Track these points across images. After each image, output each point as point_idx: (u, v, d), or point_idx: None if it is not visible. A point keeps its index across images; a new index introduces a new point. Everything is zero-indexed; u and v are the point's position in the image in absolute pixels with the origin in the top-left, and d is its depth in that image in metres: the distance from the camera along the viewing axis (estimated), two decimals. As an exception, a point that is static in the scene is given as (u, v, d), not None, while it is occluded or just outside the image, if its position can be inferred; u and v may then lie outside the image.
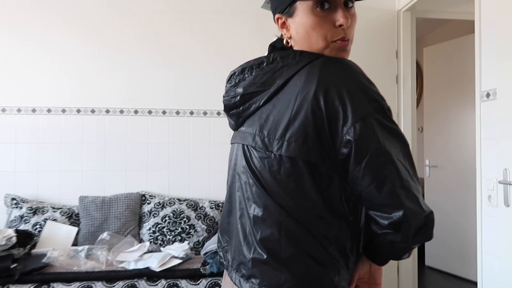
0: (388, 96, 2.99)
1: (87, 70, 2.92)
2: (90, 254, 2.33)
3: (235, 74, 0.94)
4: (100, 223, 2.66)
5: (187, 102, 3.00)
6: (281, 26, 0.95)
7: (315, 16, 0.85)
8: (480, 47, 2.12)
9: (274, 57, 0.89)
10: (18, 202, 2.70)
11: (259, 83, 0.88)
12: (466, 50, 3.50)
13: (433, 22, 4.30)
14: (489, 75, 2.05)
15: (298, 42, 0.91)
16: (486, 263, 2.05)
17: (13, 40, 2.85)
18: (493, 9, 2.00)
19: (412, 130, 3.01)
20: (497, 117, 1.86)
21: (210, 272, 2.15)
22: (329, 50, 0.88)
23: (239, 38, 3.03)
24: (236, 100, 0.93)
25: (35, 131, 2.86)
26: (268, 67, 0.88)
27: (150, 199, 2.84)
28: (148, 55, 2.97)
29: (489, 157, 2.04)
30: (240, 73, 0.93)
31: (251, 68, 0.91)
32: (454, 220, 3.64)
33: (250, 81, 0.90)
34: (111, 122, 2.94)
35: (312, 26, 0.86)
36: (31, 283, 2.05)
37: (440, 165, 3.81)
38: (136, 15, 2.97)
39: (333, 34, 0.87)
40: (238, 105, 0.93)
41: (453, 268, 3.67)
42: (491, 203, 2.00)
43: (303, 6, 0.86)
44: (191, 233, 2.68)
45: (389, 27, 3.01)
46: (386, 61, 3.00)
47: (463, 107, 3.61)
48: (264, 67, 0.89)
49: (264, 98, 0.87)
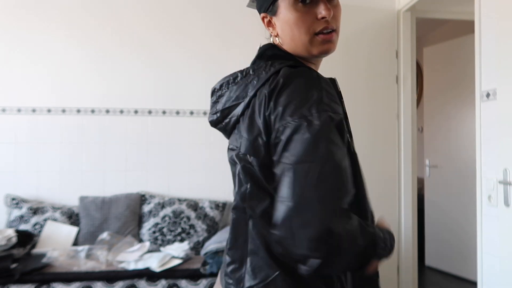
0: (388, 96, 3.00)
1: (87, 70, 2.92)
2: (90, 254, 2.33)
3: (215, 91, 0.95)
4: (100, 223, 2.66)
5: (187, 102, 3.00)
6: (267, 25, 0.96)
7: (297, 11, 0.87)
8: (480, 47, 2.12)
9: (247, 70, 0.90)
10: (18, 202, 2.70)
11: (234, 97, 0.89)
12: (466, 50, 3.49)
13: (433, 22, 4.30)
14: (489, 75, 2.05)
15: (284, 39, 0.92)
16: (486, 263, 2.05)
17: (13, 41, 2.85)
18: (493, 9, 2.00)
19: (412, 130, 3.01)
20: (497, 117, 1.86)
21: (210, 272, 2.16)
22: (314, 44, 0.89)
23: (239, 38, 3.03)
24: (218, 116, 0.94)
25: (35, 131, 2.86)
26: (241, 80, 0.89)
27: (150, 199, 2.84)
28: (149, 55, 2.97)
29: (489, 157, 2.04)
30: (219, 89, 0.94)
31: (227, 83, 0.92)
32: (454, 220, 3.64)
33: (227, 96, 0.91)
34: (111, 122, 2.94)
35: (295, 21, 0.87)
36: (31, 283, 2.06)
37: (440, 165, 3.81)
38: (136, 15, 2.97)
39: (316, 26, 0.88)
40: (221, 120, 0.94)
41: (453, 268, 3.67)
42: (491, 203, 2.00)
43: (285, 3, 0.88)
44: (191, 233, 2.68)
45: (389, 27, 3.01)
46: (386, 61, 3.00)
47: (463, 107, 3.61)
48: (239, 81, 0.89)
49: (240, 111, 0.87)
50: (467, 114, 3.53)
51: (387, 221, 0.93)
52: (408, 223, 2.97)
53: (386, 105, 2.99)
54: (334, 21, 0.90)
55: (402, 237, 2.97)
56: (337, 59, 2.89)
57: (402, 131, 3.00)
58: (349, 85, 3.03)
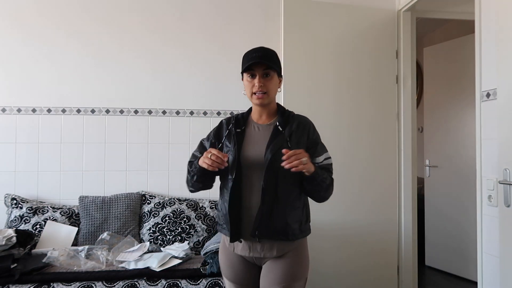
0: (388, 96, 3.00)
1: (88, 70, 2.92)
2: (90, 254, 2.33)
3: None
4: (100, 223, 2.66)
5: (187, 102, 3.00)
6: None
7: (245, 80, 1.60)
8: (480, 47, 2.12)
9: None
10: (18, 202, 2.70)
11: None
12: (466, 50, 3.50)
13: (433, 22, 4.30)
14: (489, 75, 2.05)
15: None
16: (486, 263, 2.05)
17: (14, 41, 2.85)
18: (493, 9, 2.00)
19: (412, 130, 3.01)
20: (497, 117, 1.86)
21: (210, 272, 2.15)
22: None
23: (238, 38, 3.03)
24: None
25: (35, 131, 2.86)
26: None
27: (150, 199, 2.84)
28: (148, 55, 2.97)
29: (489, 157, 2.04)
30: None
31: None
32: (454, 220, 3.65)
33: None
34: (111, 122, 2.94)
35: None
36: (31, 283, 2.05)
37: (440, 165, 3.81)
38: (137, 15, 2.97)
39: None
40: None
41: (453, 268, 3.67)
42: (491, 203, 2.00)
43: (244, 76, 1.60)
44: (191, 233, 2.68)
45: (389, 27, 3.01)
46: (386, 61, 3.00)
47: (463, 107, 3.61)
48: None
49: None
50: (467, 114, 3.53)
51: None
52: (408, 223, 2.97)
53: (386, 105, 2.99)
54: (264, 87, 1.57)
55: (402, 237, 2.98)
56: (337, 59, 2.91)
57: (402, 131, 3.00)
58: (349, 85, 3.04)
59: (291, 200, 1.52)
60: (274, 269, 1.52)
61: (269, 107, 1.60)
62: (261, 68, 1.53)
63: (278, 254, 1.52)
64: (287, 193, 1.51)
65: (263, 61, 1.51)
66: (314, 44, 2.86)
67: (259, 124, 1.61)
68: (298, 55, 2.81)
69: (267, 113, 1.61)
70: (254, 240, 1.51)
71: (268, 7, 3.05)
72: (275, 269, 1.52)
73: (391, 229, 2.96)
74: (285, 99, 2.75)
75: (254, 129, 1.60)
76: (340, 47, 2.90)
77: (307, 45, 2.84)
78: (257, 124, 1.61)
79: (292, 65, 2.77)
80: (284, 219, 1.49)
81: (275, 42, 2.99)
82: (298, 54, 2.81)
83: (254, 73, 1.53)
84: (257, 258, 1.56)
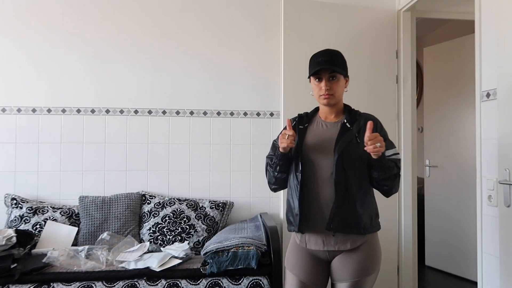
0: (388, 96, 3.00)
1: (88, 70, 2.92)
2: (90, 254, 2.32)
3: None
4: (100, 223, 2.66)
5: (187, 102, 3.00)
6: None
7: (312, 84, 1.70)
8: (480, 47, 2.12)
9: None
10: (18, 202, 2.70)
11: None
12: (466, 50, 3.50)
13: (433, 22, 4.30)
14: (489, 75, 2.04)
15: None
16: (486, 263, 2.05)
17: (14, 41, 2.85)
18: (493, 9, 2.00)
19: (412, 130, 3.01)
20: (497, 117, 1.86)
21: (210, 272, 2.15)
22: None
23: (238, 38, 3.03)
24: None
25: (35, 131, 2.86)
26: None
27: (150, 199, 2.84)
28: (148, 55, 2.97)
29: (489, 157, 2.04)
30: None
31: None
32: (454, 220, 3.65)
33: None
34: (111, 122, 2.94)
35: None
36: (31, 283, 2.06)
37: (440, 165, 3.81)
38: (136, 15, 2.97)
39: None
40: None
41: (453, 268, 3.67)
42: (491, 203, 2.00)
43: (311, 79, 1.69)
44: (191, 233, 2.68)
45: (389, 27, 3.01)
46: (386, 61, 3.00)
47: (463, 107, 3.61)
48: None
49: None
50: (467, 114, 3.53)
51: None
52: (408, 223, 2.97)
53: (386, 105, 2.99)
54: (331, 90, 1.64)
55: (402, 237, 2.98)
56: (337, 59, 2.90)
57: (402, 131, 2.99)
58: (349, 85, 3.03)
59: (361, 194, 1.57)
60: (347, 263, 1.57)
61: (336, 107, 1.69)
62: (327, 72, 1.60)
63: (351, 246, 1.57)
64: (357, 187, 1.56)
65: (328, 67, 1.59)
66: (314, 44, 2.85)
67: (326, 121, 1.69)
68: (298, 55, 2.81)
69: (334, 111, 1.69)
70: (328, 234, 1.56)
71: (268, 7, 3.05)
72: (348, 264, 1.57)
73: (391, 229, 2.96)
74: (285, 99, 2.75)
75: (321, 126, 1.68)
76: (340, 47, 2.88)
77: (307, 45, 2.84)
78: (324, 122, 1.69)
79: (292, 65, 2.77)
80: (356, 212, 1.55)
81: (275, 42, 3.00)
82: (298, 54, 2.81)
83: (320, 76, 1.61)
84: (330, 252, 1.60)
